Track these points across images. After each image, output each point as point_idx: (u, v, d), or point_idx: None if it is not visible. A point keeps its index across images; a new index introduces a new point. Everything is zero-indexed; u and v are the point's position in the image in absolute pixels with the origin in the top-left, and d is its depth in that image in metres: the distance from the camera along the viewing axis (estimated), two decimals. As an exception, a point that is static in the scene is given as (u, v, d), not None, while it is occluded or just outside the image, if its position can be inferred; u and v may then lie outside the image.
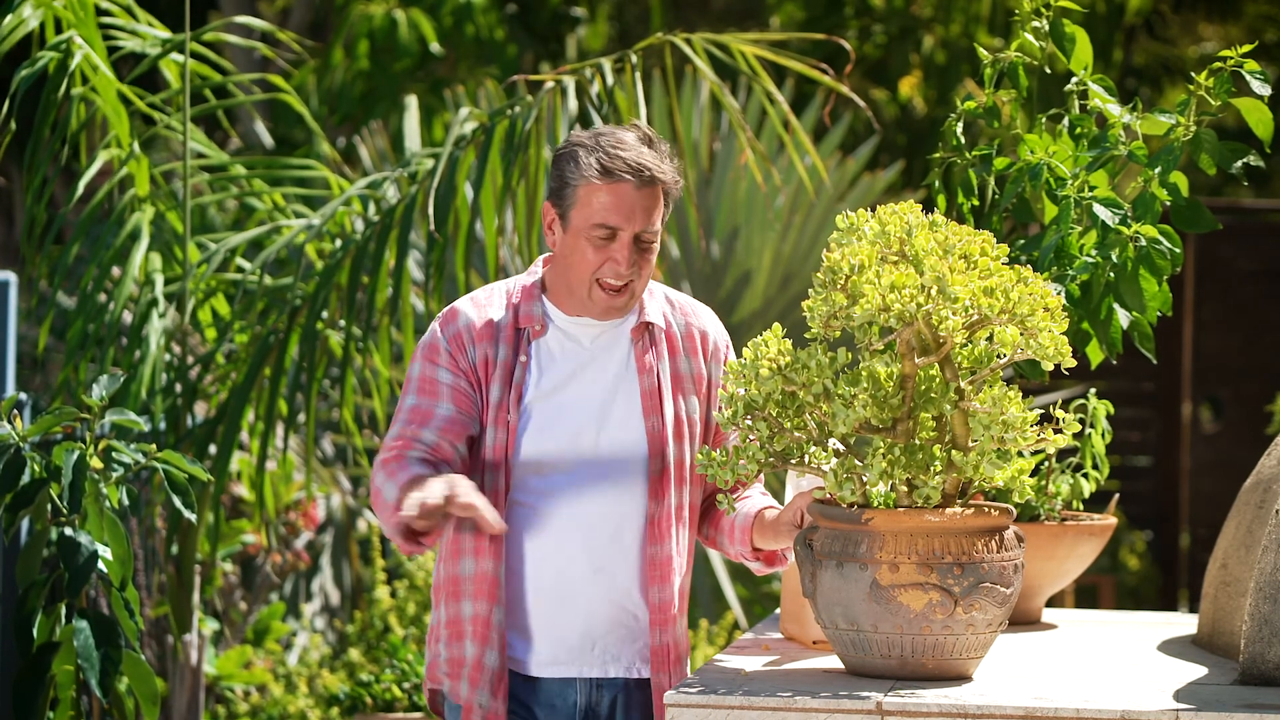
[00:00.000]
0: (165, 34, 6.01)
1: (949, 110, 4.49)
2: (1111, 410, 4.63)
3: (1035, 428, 3.67)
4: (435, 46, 11.57)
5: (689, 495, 4.08)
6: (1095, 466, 4.61)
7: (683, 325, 4.10)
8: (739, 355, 3.81)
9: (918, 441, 3.71)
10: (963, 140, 4.44)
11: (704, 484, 4.14)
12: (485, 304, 4.02)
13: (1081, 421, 4.62)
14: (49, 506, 4.56)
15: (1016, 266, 3.70)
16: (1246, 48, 4.22)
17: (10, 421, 4.58)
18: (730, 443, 4.08)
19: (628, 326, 4.05)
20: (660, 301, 4.10)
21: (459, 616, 3.99)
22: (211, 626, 6.73)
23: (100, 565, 4.52)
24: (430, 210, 5.63)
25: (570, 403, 3.99)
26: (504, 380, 3.97)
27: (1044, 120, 4.39)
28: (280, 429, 7.23)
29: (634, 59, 5.81)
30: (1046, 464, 4.50)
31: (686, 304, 4.13)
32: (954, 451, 3.69)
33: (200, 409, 6.78)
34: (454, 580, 4.00)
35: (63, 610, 4.58)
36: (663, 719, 4.01)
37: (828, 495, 3.81)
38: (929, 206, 4.35)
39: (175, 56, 5.94)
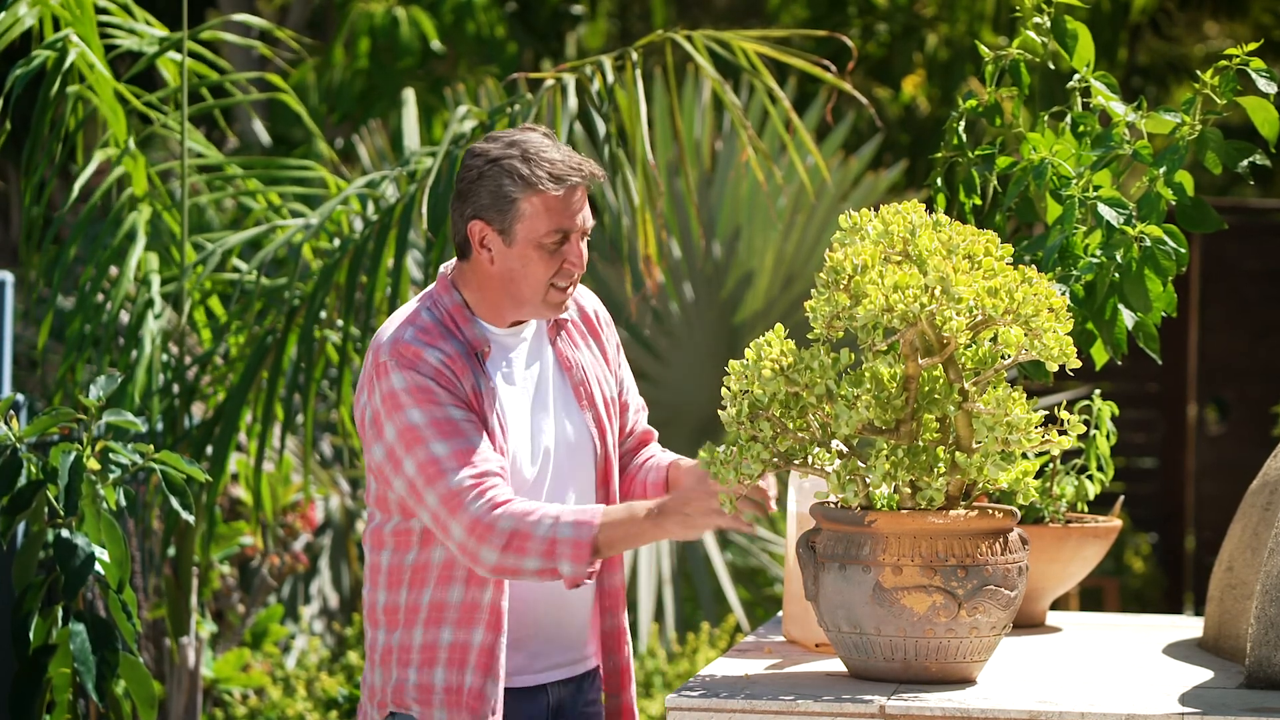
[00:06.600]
0: (163, 32, 5.98)
1: (953, 109, 4.45)
2: (1116, 412, 4.60)
3: (1040, 429, 3.65)
4: (436, 44, 11.56)
5: (617, 477, 4.13)
6: (1100, 468, 4.58)
7: (576, 311, 4.12)
8: (741, 357, 3.79)
9: (921, 443, 3.69)
10: (964, 139, 4.41)
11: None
12: (436, 335, 3.91)
13: (1086, 423, 4.59)
14: (45, 508, 4.54)
15: (1021, 267, 3.68)
16: (1252, 46, 4.20)
17: (7, 422, 4.56)
18: (633, 411, 4.16)
19: (544, 327, 4.05)
20: None
21: (436, 642, 3.93)
22: (209, 629, 6.70)
23: (97, 567, 4.50)
24: (424, 211, 5.60)
25: (529, 417, 3.99)
26: (491, 408, 3.93)
27: (1046, 118, 4.36)
28: (278, 430, 7.20)
29: (635, 56, 5.79)
30: (1051, 466, 4.47)
31: None
32: (958, 453, 3.67)
33: (198, 410, 6.75)
34: (438, 606, 3.93)
35: (59, 613, 4.56)
36: (621, 695, 4.08)
37: (830, 497, 3.79)
38: (932, 206, 4.33)
39: (173, 55, 5.91)
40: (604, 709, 4.13)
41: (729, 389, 3.76)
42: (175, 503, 4.58)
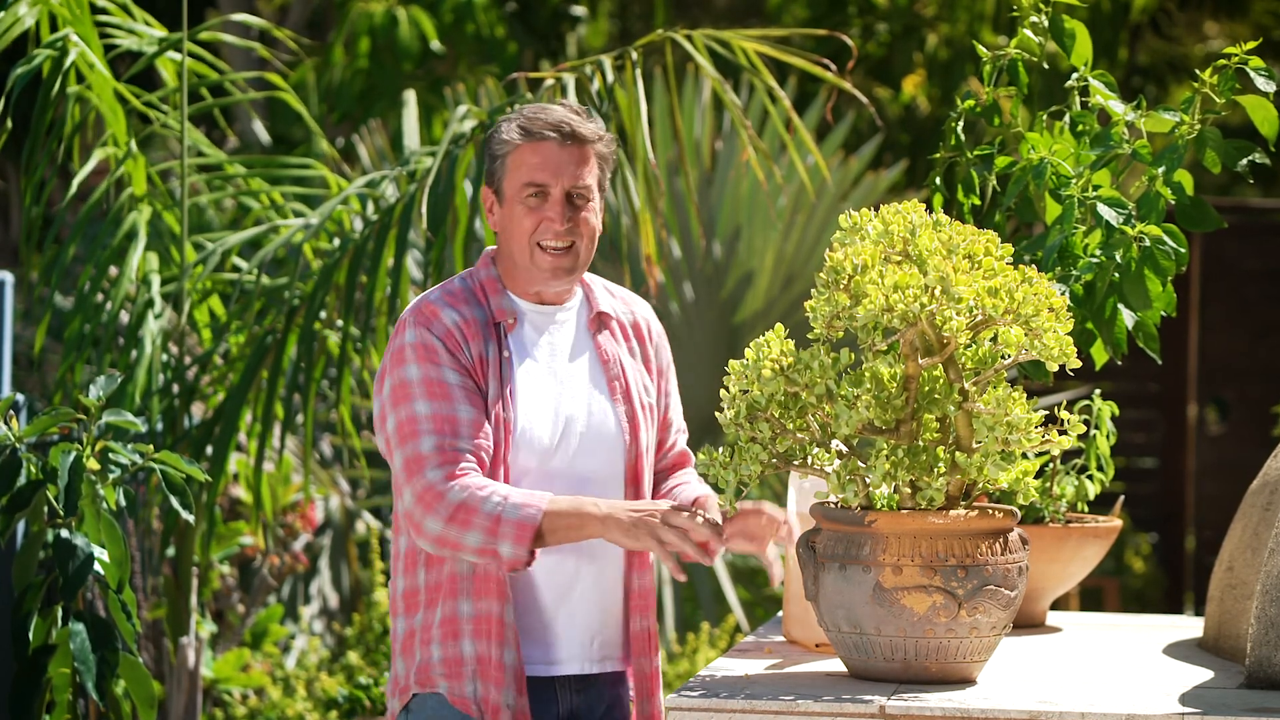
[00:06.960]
0: (162, 32, 5.98)
1: (953, 109, 4.45)
2: (1116, 411, 4.60)
3: (1040, 429, 3.65)
4: (436, 44, 11.55)
5: (650, 480, 4.13)
6: (1100, 468, 4.58)
7: (628, 315, 4.15)
8: (741, 357, 3.79)
9: (921, 443, 3.69)
10: (963, 139, 4.41)
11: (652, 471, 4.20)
12: (460, 300, 4.00)
13: (1086, 423, 4.59)
14: (45, 508, 4.53)
15: (1021, 266, 3.68)
16: (1251, 45, 4.19)
17: (7, 422, 4.55)
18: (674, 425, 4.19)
19: (585, 318, 4.08)
20: (604, 292, 4.15)
21: (456, 614, 3.94)
22: (209, 629, 6.70)
23: (97, 567, 4.50)
24: (424, 211, 5.59)
25: (552, 397, 4.00)
26: (497, 377, 3.95)
27: (1044, 117, 4.35)
28: (278, 430, 7.20)
29: (635, 56, 5.78)
30: (1051, 466, 4.47)
31: (622, 293, 4.19)
32: (958, 453, 3.66)
33: (198, 410, 6.75)
34: (453, 578, 3.94)
35: (59, 613, 4.56)
36: (650, 700, 4.06)
37: (830, 497, 3.79)
38: (932, 206, 4.32)
39: (172, 55, 5.91)
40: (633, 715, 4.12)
41: (727, 390, 3.76)
42: (175, 502, 4.58)
